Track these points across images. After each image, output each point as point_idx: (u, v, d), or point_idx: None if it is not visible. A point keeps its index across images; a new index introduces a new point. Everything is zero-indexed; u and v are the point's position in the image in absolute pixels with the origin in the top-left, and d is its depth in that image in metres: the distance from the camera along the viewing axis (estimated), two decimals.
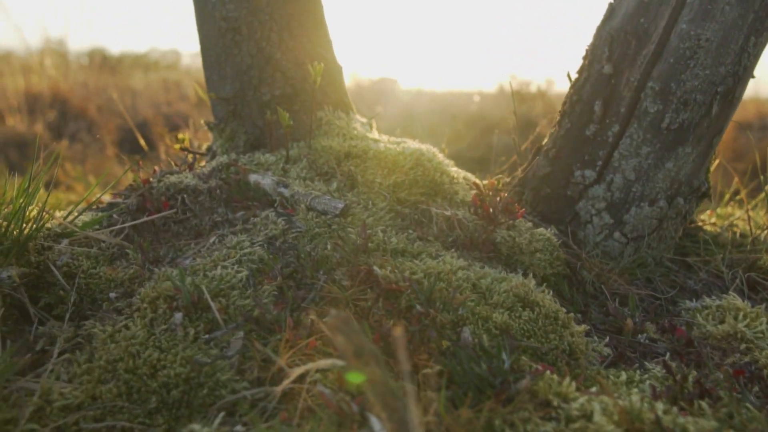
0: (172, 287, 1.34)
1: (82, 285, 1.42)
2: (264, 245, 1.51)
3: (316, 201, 1.60)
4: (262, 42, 1.92)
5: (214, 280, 1.38)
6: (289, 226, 1.56)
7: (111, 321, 1.30)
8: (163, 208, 1.64)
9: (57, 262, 1.43)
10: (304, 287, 1.41)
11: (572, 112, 1.86)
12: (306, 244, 1.53)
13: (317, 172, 1.77)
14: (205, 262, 1.46)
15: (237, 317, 1.31)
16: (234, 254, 1.47)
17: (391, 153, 1.78)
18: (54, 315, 1.39)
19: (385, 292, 1.36)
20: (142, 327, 1.26)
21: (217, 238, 1.57)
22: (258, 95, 1.95)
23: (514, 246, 1.63)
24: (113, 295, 1.38)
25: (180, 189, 1.70)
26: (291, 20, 1.94)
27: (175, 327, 1.26)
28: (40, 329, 1.33)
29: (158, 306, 1.31)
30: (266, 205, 1.67)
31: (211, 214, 1.64)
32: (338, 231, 1.55)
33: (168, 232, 1.62)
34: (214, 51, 1.99)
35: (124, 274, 1.43)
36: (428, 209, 1.70)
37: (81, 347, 1.28)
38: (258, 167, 1.80)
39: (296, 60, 1.95)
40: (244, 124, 1.98)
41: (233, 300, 1.34)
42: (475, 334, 1.28)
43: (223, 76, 1.98)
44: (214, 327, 1.29)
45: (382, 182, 1.72)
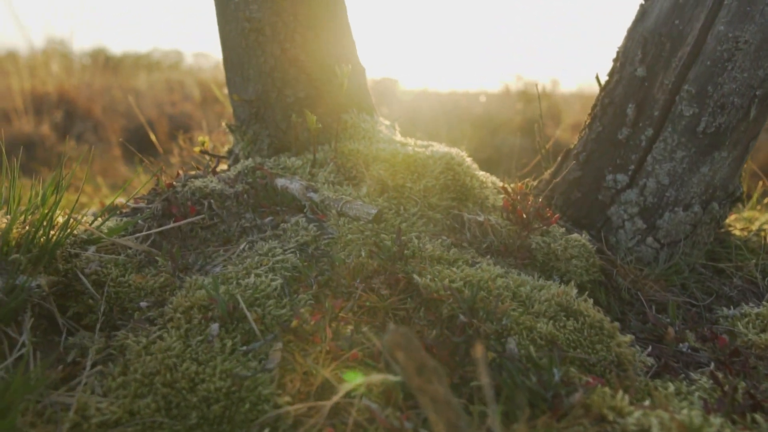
0: (206, 297, 1.30)
1: (111, 294, 1.37)
2: (296, 252, 1.47)
3: (348, 206, 1.56)
4: (286, 43, 1.88)
5: (248, 288, 1.34)
6: (321, 232, 1.52)
7: (144, 332, 1.26)
8: (189, 214, 1.60)
9: (85, 270, 1.39)
10: (341, 296, 1.37)
11: (603, 115, 1.82)
12: (339, 251, 1.49)
13: (345, 176, 1.73)
14: (236, 269, 1.42)
15: (274, 328, 1.27)
16: (266, 262, 1.43)
17: (420, 157, 1.75)
18: (83, 325, 1.35)
19: (425, 302, 1.32)
20: (177, 338, 1.22)
21: (247, 244, 1.53)
22: (282, 97, 1.91)
23: (550, 252, 1.60)
24: (144, 305, 1.34)
25: (206, 194, 1.66)
26: (315, 21, 1.90)
27: (212, 338, 1.22)
28: (70, 340, 1.28)
29: (192, 316, 1.28)
30: (295, 211, 1.63)
31: (239, 219, 1.60)
32: (372, 237, 1.51)
33: (195, 238, 1.58)
34: (236, 52, 1.94)
35: (153, 283, 1.39)
36: (460, 214, 1.67)
37: (114, 359, 1.24)
38: (284, 171, 1.76)
39: (321, 61, 1.91)
40: (267, 126, 1.94)
41: (269, 310, 1.30)
42: (520, 345, 1.25)
43: (245, 77, 1.94)
44: (250, 338, 1.26)
45: (412, 187, 1.68)
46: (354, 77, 2.01)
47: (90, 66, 6.44)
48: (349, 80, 1.98)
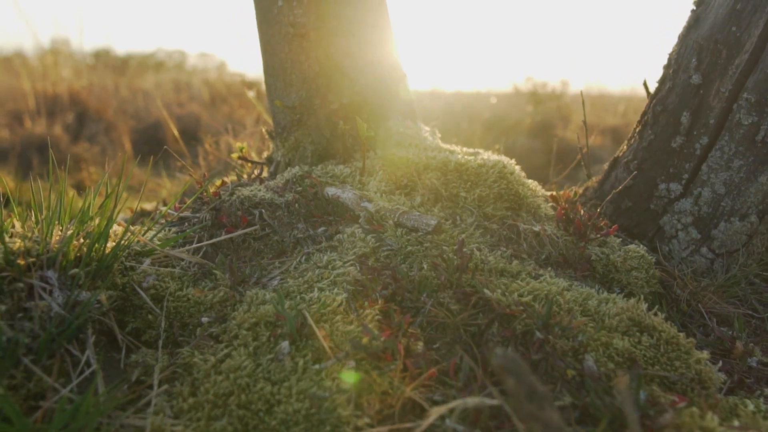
0: (272, 312, 1.27)
1: (170, 308, 1.33)
2: (356, 264, 1.43)
3: (405, 217, 1.52)
4: (331, 48, 1.84)
5: (314, 303, 1.31)
6: (380, 243, 1.49)
7: (210, 349, 1.22)
8: (241, 224, 1.56)
9: (143, 284, 1.35)
10: (408, 311, 1.33)
11: (656, 123, 1.79)
12: (399, 263, 1.46)
13: (396, 185, 1.70)
14: (297, 283, 1.38)
15: (344, 345, 1.23)
16: (327, 275, 1.40)
17: (472, 165, 1.71)
18: (143, 341, 1.31)
19: (498, 317, 1.29)
20: (246, 356, 1.18)
21: (303, 256, 1.49)
22: (326, 104, 1.87)
23: (609, 264, 1.57)
24: (205, 320, 1.30)
25: (255, 203, 1.62)
26: (360, 26, 1.86)
27: (283, 357, 1.18)
28: (132, 357, 1.24)
29: (259, 333, 1.24)
30: (348, 221, 1.59)
31: (292, 230, 1.56)
32: (432, 249, 1.48)
33: (248, 249, 1.54)
34: (278, 57, 1.90)
35: (213, 297, 1.35)
36: (515, 224, 1.63)
37: (180, 378, 1.20)
38: (332, 179, 1.72)
39: (365, 67, 1.87)
40: (310, 133, 1.90)
41: (337, 326, 1.27)
42: (599, 363, 1.21)
43: (288, 83, 1.90)
44: (320, 356, 1.22)
45: (466, 196, 1.65)
46: (397, 82, 1.97)
47: (96, 66, 6.36)
48: (392, 86, 1.94)
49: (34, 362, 1.13)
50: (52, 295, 1.22)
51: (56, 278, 1.24)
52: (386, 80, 1.91)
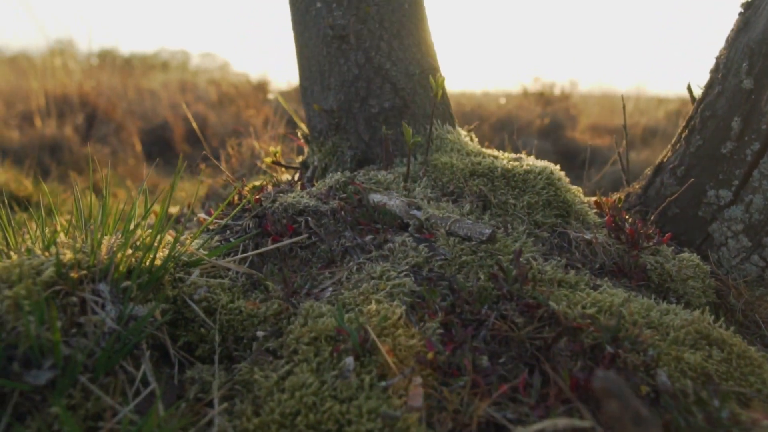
0: (333, 326, 1.22)
1: (223, 322, 1.29)
2: (410, 275, 1.39)
3: (457, 225, 1.48)
4: (371, 51, 1.79)
5: (372, 316, 1.26)
6: (433, 253, 1.44)
7: (269, 365, 1.18)
8: (287, 232, 1.51)
9: (194, 296, 1.30)
10: (469, 323, 1.29)
11: (704, 128, 1.76)
12: (454, 274, 1.41)
13: (442, 192, 1.65)
14: (352, 294, 1.34)
15: (408, 360, 1.19)
16: (383, 286, 1.35)
17: (519, 171, 1.67)
18: (197, 356, 1.26)
19: (565, 330, 1.25)
20: (309, 373, 1.14)
21: (355, 266, 1.44)
22: (365, 108, 1.82)
23: (664, 273, 1.53)
24: (261, 334, 1.26)
25: (299, 210, 1.57)
26: (401, 28, 1.82)
27: (348, 373, 1.14)
28: (188, 373, 1.19)
29: (320, 348, 1.19)
30: (396, 229, 1.55)
31: (339, 238, 1.52)
32: (487, 259, 1.44)
33: (296, 258, 1.49)
34: (316, 60, 1.86)
35: (266, 309, 1.30)
36: (566, 232, 1.60)
37: (239, 395, 1.15)
38: (376, 186, 1.68)
39: (406, 70, 1.83)
40: (348, 138, 1.85)
41: (399, 340, 1.22)
42: (672, 378, 1.18)
43: (326, 86, 1.85)
44: (385, 372, 1.17)
45: (515, 203, 1.61)
46: (437, 86, 1.93)
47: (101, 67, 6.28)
48: (432, 90, 1.90)
49: (92, 381, 1.09)
50: (104, 309, 1.17)
51: (108, 291, 1.20)
52: (426, 83, 1.87)
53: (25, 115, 4.77)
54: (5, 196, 2.92)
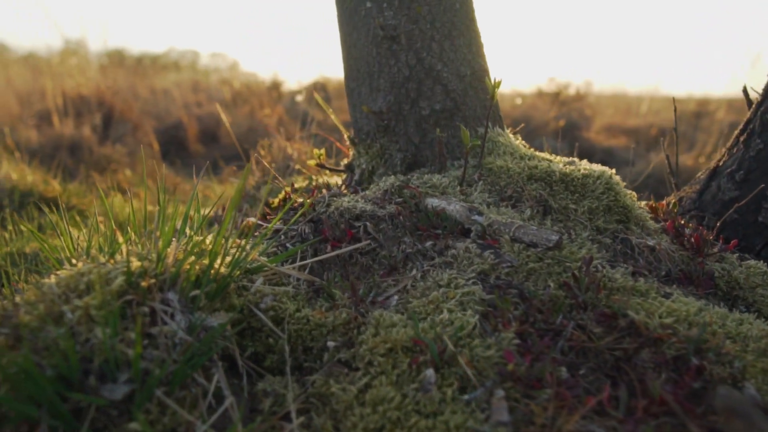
0: (408, 336, 1.18)
1: (291, 331, 1.25)
2: (478, 283, 1.35)
3: (522, 231, 1.44)
4: (423, 52, 1.76)
5: (447, 326, 1.22)
6: (499, 260, 1.40)
7: (345, 377, 1.14)
8: (346, 238, 1.47)
9: (260, 305, 1.26)
10: (545, 333, 1.25)
11: (764, 132, 1.72)
12: (522, 281, 1.38)
13: (500, 196, 1.62)
14: (421, 303, 1.30)
15: (487, 372, 1.15)
16: (452, 294, 1.31)
17: (577, 176, 1.63)
18: (265, 367, 1.22)
19: (647, 341, 1.21)
20: (389, 386, 1.10)
21: (419, 273, 1.40)
22: (416, 110, 1.78)
23: (731, 280, 1.49)
24: (332, 344, 1.22)
25: (356, 215, 1.53)
26: (452, 29, 1.78)
27: (429, 386, 1.10)
28: (260, 385, 1.16)
29: (398, 360, 1.15)
30: (457, 234, 1.51)
31: (398, 244, 1.48)
32: (555, 266, 1.40)
33: (356, 265, 1.45)
34: (364, 61, 1.82)
35: (334, 319, 1.26)
36: (628, 238, 1.56)
37: (315, 409, 1.12)
38: (432, 189, 1.64)
39: (457, 72, 1.79)
40: (397, 140, 1.82)
41: (476, 351, 1.18)
42: (760, 391, 1.14)
43: (374, 88, 1.82)
44: (465, 384, 1.14)
45: (576, 208, 1.57)
46: (487, 88, 1.89)
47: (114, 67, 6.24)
48: (482, 92, 1.86)
49: (167, 394, 1.05)
50: (174, 319, 1.13)
51: (177, 301, 1.16)
52: (477, 85, 1.83)
53: (41, 115, 4.72)
54: (35, 197, 2.89)
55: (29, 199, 2.70)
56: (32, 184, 2.82)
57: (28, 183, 2.82)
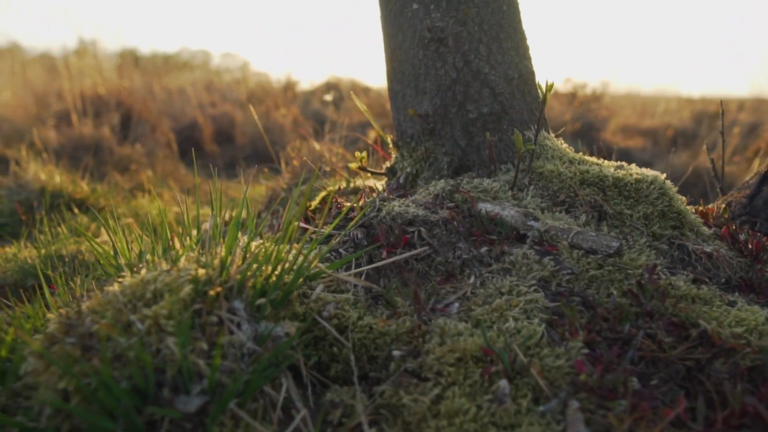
0: (476, 346, 1.16)
1: (355, 340, 1.22)
2: (539, 290, 1.33)
3: (581, 237, 1.42)
4: (470, 55, 1.73)
5: (513, 334, 1.20)
6: (559, 266, 1.38)
7: (416, 388, 1.12)
8: (401, 243, 1.45)
9: (323, 313, 1.24)
10: (614, 343, 1.23)
11: None
12: (583, 289, 1.35)
13: (553, 201, 1.59)
14: (484, 310, 1.28)
15: (560, 382, 1.13)
16: (515, 302, 1.29)
17: (630, 180, 1.61)
18: (330, 377, 1.20)
19: (720, 351, 1.18)
20: (462, 397, 1.08)
21: (477, 279, 1.38)
22: (463, 113, 1.76)
23: None
24: (398, 354, 1.20)
25: (408, 220, 1.51)
26: (500, 31, 1.75)
27: (504, 397, 1.08)
28: (327, 396, 1.13)
29: (469, 369, 1.13)
30: (512, 240, 1.49)
31: (453, 250, 1.46)
32: (616, 273, 1.37)
33: (412, 271, 1.43)
34: (410, 63, 1.79)
35: (397, 327, 1.24)
36: (684, 245, 1.53)
37: (386, 420, 1.09)
38: (484, 194, 1.62)
39: (505, 74, 1.76)
40: (443, 143, 1.79)
41: (546, 360, 1.16)
42: None
43: (420, 90, 1.79)
44: (537, 395, 1.11)
45: (631, 214, 1.54)
46: (533, 91, 1.87)
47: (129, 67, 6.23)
48: (530, 94, 1.84)
49: (239, 406, 1.03)
50: (241, 329, 1.11)
51: (243, 309, 1.14)
52: (523, 88, 1.81)
53: (59, 115, 4.71)
54: (65, 199, 2.87)
55: (58, 201, 2.69)
56: (60, 185, 2.80)
57: (57, 184, 2.81)
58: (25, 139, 4.10)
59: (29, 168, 2.86)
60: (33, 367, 1.07)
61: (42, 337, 1.12)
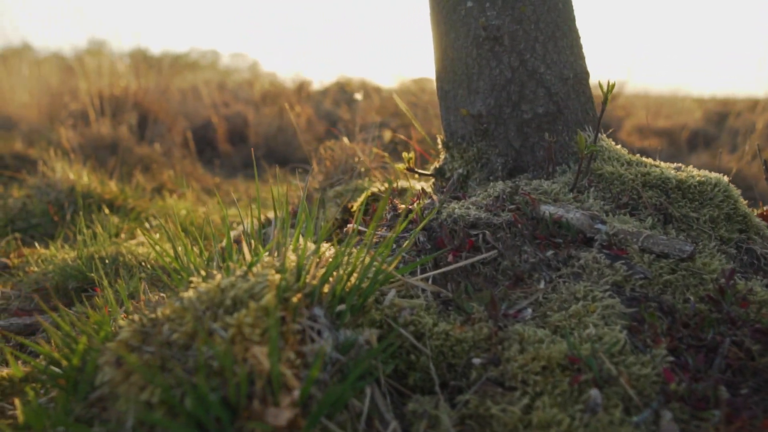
0: (561, 353, 1.12)
1: (432, 347, 1.19)
2: (614, 296, 1.29)
3: (651, 241, 1.38)
4: (526, 54, 1.70)
5: (595, 341, 1.17)
6: (632, 271, 1.35)
7: (502, 397, 1.08)
8: (465, 247, 1.42)
9: (398, 319, 1.21)
10: (698, 350, 1.20)
11: None
12: (658, 294, 1.32)
13: (616, 204, 1.56)
14: (561, 316, 1.24)
15: (648, 391, 1.10)
16: (592, 308, 1.26)
17: (693, 183, 1.58)
18: (408, 385, 1.16)
19: None
20: (555, 408, 1.04)
21: (547, 284, 1.35)
22: (517, 113, 1.72)
23: None
24: (478, 361, 1.16)
25: (471, 223, 1.48)
26: (555, 30, 1.72)
27: (596, 407, 1.04)
28: (410, 406, 1.10)
29: (556, 378, 1.10)
30: (578, 243, 1.45)
31: (519, 253, 1.42)
32: (690, 278, 1.34)
33: (479, 275, 1.39)
34: (462, 62, 1.76)
35: (474, 334, 1.21)
36: (752, 249, 1.50)
37: (472, 431, 1.06)
38: (543, 196, 1.58)
39: (560, 74, 1.73)
40: (496, 144, 1.76)
41: (632, 369, 1.13)
42: None
43: (473, 90, 1.76)
44: (627, 404, 1.08)
45: (698, 217, 1.51)
46: (587, 91, 1.83)
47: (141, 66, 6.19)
48: (585, 94, 1.81)
49: (328, 418, 0.99)
50: (322, 337, 1.08)
51: (323, 316, 1.10)
52: (578, 88, 1.77)
53: (75, 115, 4.67)
54: (95, 199, 2.83)
55: (89, 201, 2.64)
56: (89, 185, 2.76)
57: (85, 184, 2.77)
58: (44, 138, 4.07)
59: (56, 168, 2.82)
60: (109, 376, 1.03)
61: (115, 346, 1.08)
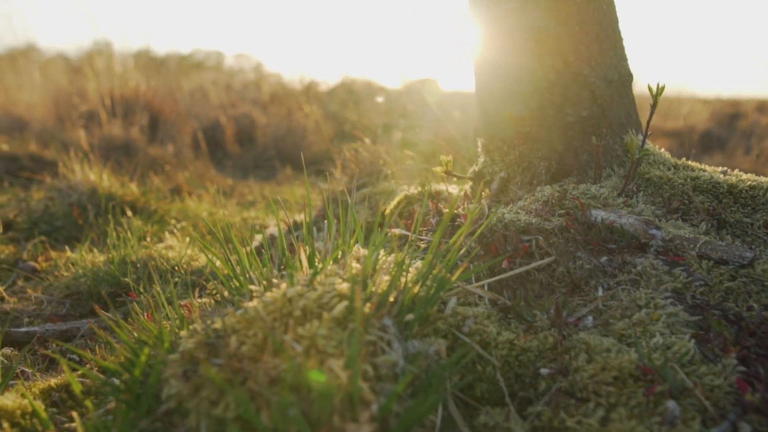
0: (632, 363, 1.10)
1: (498, 357, 1.16)
2: (676, 303, 1.27)
3: (709, 247, 1.36)
4: (570, 56, 1.67)
5: (664, 350, 1.14)
6: (691, 278, 1.33)
7: (576, 410, 1.06)
8: (519, 253, 1.39)
9: (463, 329, 1.18)
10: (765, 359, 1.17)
11: None
12: (720, 301, 1.30)
13: (666, 209, 1.54)
14: (625, 324, 1.22)
15: (723, 402, 1.07)
16: (656, 316, 1.23)
17: (744, 187, 1.56)
18: (475, 397, 1.14)
19: None
20: (633, 420, 1.02)
21: (605, 291, 1.32)
22: (561, 116, 1.70)
23: None
24: (545, 372, 1.14)
25: (522, 228, 1.45)
26: (601, 31, 1.70)
27: (675, 419, 1.02)
28: (481, 419, 1.07)
29: (631, 390, 1.07)
30: (632, 249, 1.43)
31: (574, 259, 1.40)
32: (751, 285, 1.32)
33: (535, 282, 1.37)
34: (504, 65, 1.73)
35: (539, 343, 1.18)
36: None
37: None
38: (592, 200, 1.56)
39: (605, 76, 1.71)
40: (539, 148, 1.73)
41: (704, 379, 1.10)
42: None
43: (515, 93, 1.73)
44: (702, 416, 1.06)
45: (751, 222, 1.49)
46: (630, 93, 1.81)
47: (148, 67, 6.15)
48: (628, 96, 1.79)
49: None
50: (392, 348, 1.05)
51: (392, 326, 1.07)
52: (622, 91, 1.75)
53: (85, 116, 4.62)
54: (117, 201, 2.79)
55: (111, 203, 2.61)
56: (110, 188, 2.72)
57: (106, 186, 2.73)
58: (57, 139, 4.02)
59: (75, 169, 2.78)
60: (177, 390, 1.00)
61: (179, 358, 1.05)
